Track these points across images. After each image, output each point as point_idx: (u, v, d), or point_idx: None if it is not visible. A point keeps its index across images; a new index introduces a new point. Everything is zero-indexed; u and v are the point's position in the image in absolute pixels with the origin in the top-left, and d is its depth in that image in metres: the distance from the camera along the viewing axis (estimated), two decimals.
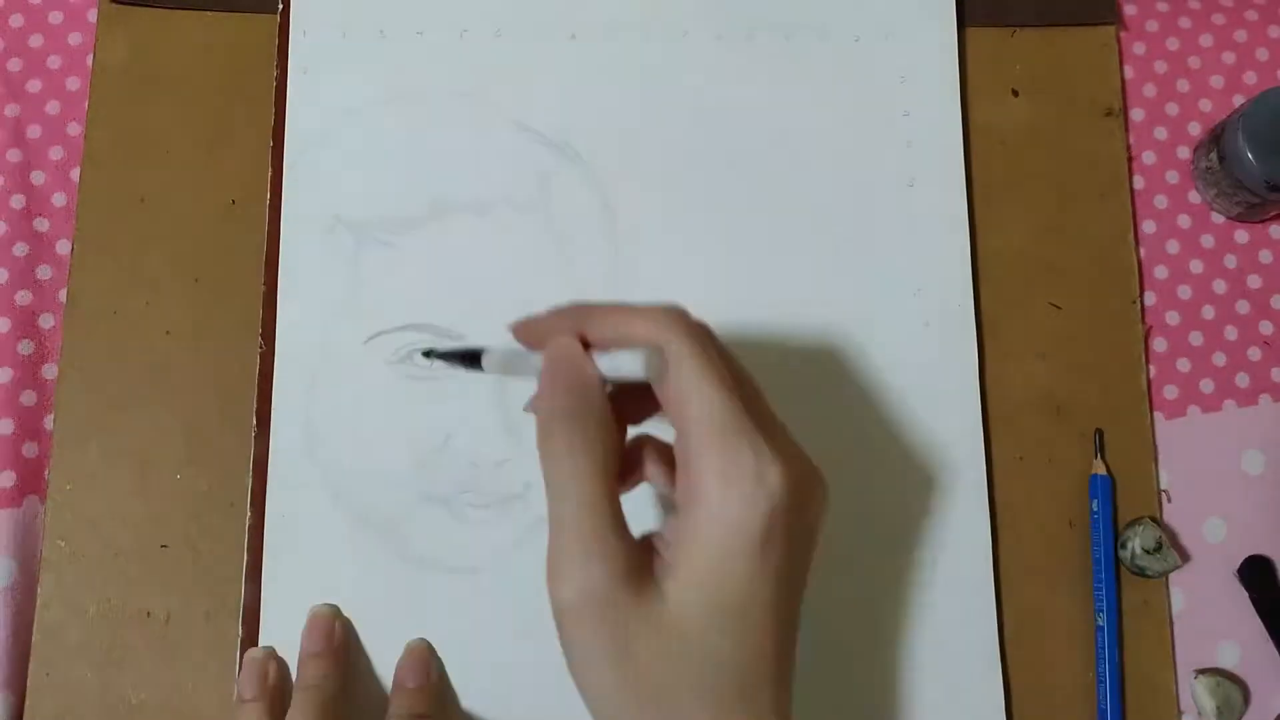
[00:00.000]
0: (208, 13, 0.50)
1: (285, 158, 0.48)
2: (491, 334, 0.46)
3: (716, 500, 0.32)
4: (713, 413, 0.33)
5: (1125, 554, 0.46)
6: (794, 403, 0.47)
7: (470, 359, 0.40)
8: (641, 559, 0.33)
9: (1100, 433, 0.48)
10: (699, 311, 0.47)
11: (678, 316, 0.35)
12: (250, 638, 0.44)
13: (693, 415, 0.33)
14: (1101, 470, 0.47)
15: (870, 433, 0.47)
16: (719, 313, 0.47)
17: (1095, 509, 0.47)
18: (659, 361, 0.33)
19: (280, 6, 0.50)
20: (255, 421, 0.46)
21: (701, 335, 0.34)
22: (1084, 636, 0.46)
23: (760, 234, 0.49)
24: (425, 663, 0.44)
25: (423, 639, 0.44)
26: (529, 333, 0.37)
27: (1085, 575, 0.47)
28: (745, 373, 0.37)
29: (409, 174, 0.48)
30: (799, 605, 0.35)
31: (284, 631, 0.44)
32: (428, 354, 0.45)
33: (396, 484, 0.46)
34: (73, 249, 0.48)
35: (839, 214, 0.49)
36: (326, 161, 0.48)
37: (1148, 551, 0.46)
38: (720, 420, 0.33)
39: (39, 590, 0.45)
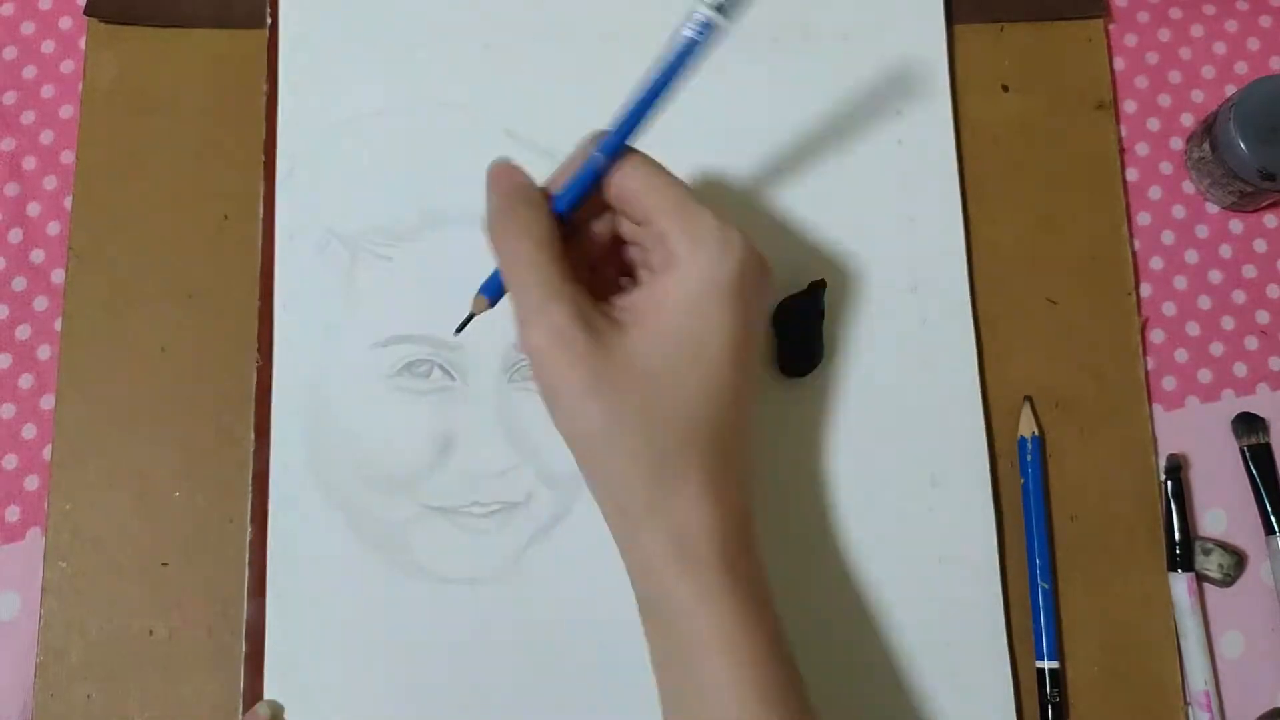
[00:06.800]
0: (197, 30, 0.50)
1: (277, 172, 0.48)
2: (488, 344, 0.47)
3: (686, 259, 0.36)
4: (671, 191, 0.37)
5: (1208, 562, 0.47)
6: (794, 402, 0.47)
7: None
8: (598, 310, 0.37)
9: (1029, 398, 0.48)
10: None
11: (601, 133, 0.39)
12: (255, 653, 0.44)
13: (653, 198, 0.37)
14: (1033, 430, 0.47)
15: (872, 431, 0.47)
16: None
17: (1027, 468, 0.47)
18: (604, 162, 0.38)
19: (269, 22, 0.50)
20: (254, 436, 0.46)
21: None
22: (1089, 628, 0.46)
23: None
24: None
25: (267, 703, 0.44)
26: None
27: (1089, 568, 0.47)
28: None
29: (402, 186, 0.48)
30: (756, 361, 0.39)
31: (289, 647, 0.44)
32: None
33: (398, 495, 0.46)
34: (67, 267, 0.48)
35: (833, 213, 0.49)
36: (319, 175, 0.48)
37: (1224, 569, 0.47)
38: (680, 197, 0.37)
39: (41, 612, 0.45)
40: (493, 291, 0.39)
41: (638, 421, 0.36)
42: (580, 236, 0.40)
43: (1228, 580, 0.47)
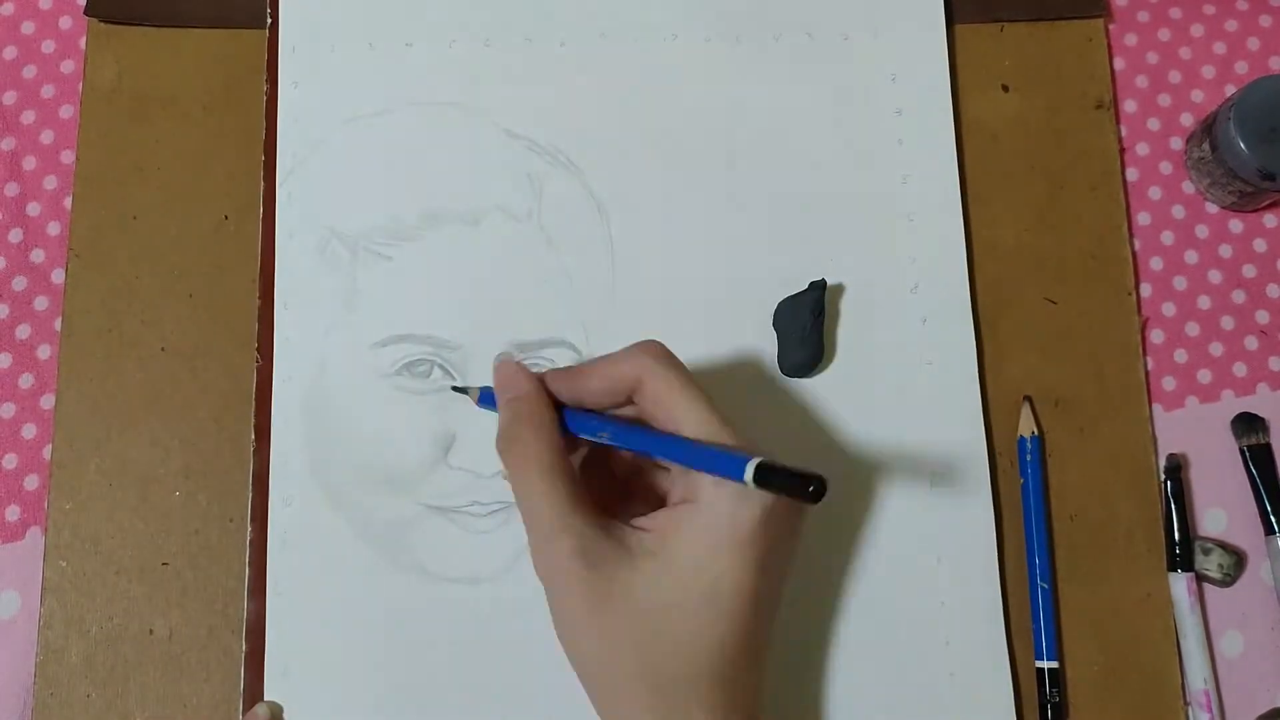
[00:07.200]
0: (197, 30, 0.50)
1: (277, 172, 0.48)
2: (489, 344, 0.47)
3: (708, 499, 0.35)
4: (702, 423, 0.36)
5: (1208, 562, 0.47)
6: (794, 402, 0.47)
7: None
8: (608, 537, 0.36)
9: (1029, 398, 0.48)
10: (698, 312, 0.48)
11: (651, 346, 0.38)
12: (255, 653, 0.44)
13: (684, 427, 0.36)
14: (1033, 430, 0.47)
15: (871, 431, 0.47)
16: (716, 315, 0.48)
17: (1027, 468, 0.47)
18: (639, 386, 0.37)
19: (269, 22, 0.50)
20: (254, 436, 0.46)
21: (675, 359, 0.38)
22: (1089, 628, 0.46)
23: (755, 235, 0.49)
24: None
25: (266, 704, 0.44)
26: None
27: (1089, 568, 0.47)
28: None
29: (402, 185, 0.48)
30: (779, 597, 0.38)
31: (289, 647, 0.44)
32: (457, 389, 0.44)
33: (398, 495, 0.46)
34: (67, 267, 0.48)
35: (833, 213, 0.49)
36: (319, 175, 0.48)
37: (1224, 569, 0.47)
38: (710, 432, 0.36)
39: (41, 611, 0.45)
40: (487, 404, 0.42)
41: (634, 653, 0.35)
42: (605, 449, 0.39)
43: (1227, 580, 0.47)
